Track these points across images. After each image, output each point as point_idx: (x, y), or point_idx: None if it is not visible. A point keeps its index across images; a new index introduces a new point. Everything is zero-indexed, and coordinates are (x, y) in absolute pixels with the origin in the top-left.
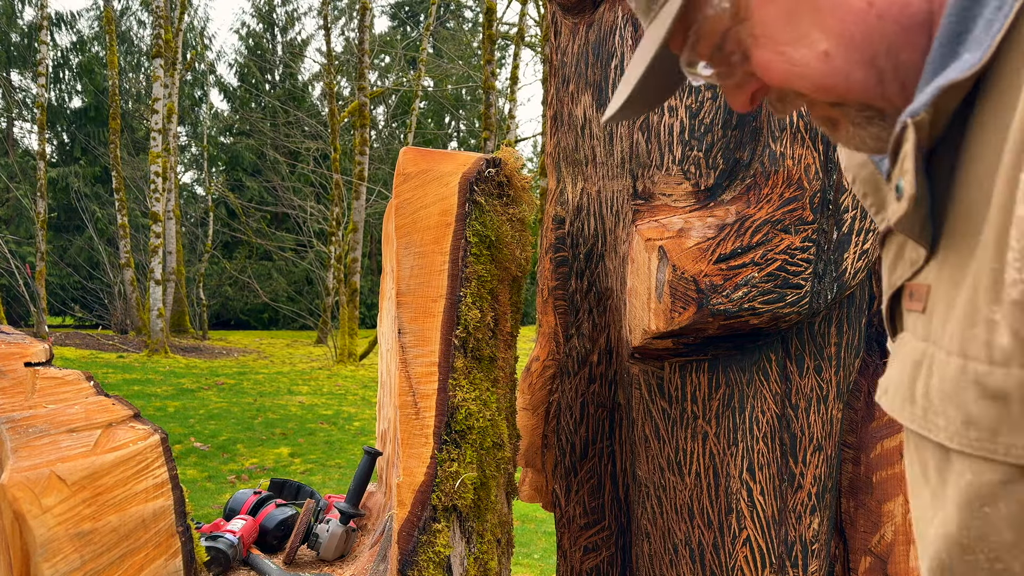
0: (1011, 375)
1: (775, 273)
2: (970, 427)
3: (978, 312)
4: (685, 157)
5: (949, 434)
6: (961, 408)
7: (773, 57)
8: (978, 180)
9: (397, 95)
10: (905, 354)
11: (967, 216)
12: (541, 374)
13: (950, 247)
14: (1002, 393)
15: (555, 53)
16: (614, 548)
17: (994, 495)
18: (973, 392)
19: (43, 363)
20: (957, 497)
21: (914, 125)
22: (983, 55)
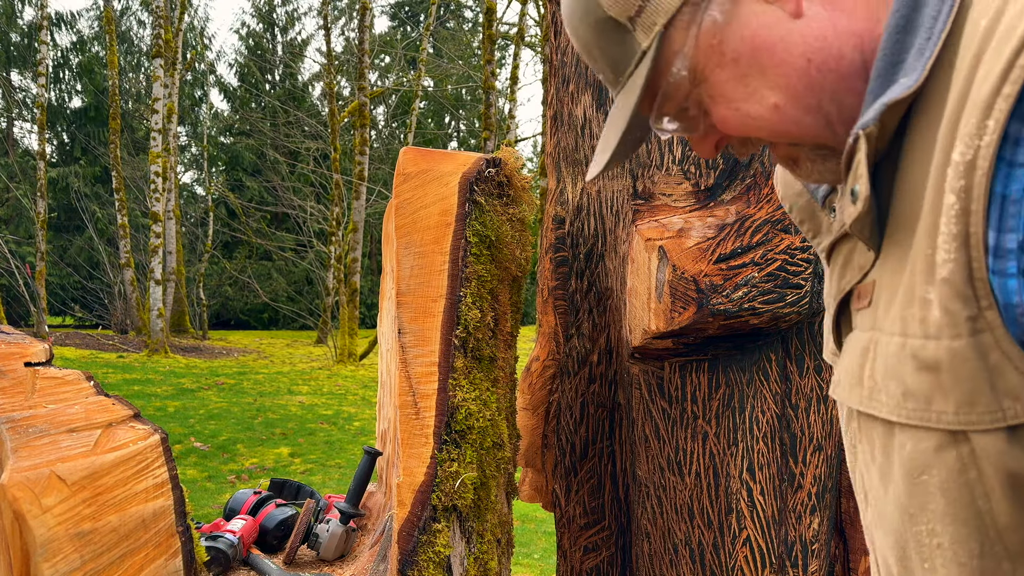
0: (941, 346)
1: (775, 273)
2: (908, 398)
3: (914, 293)
4: (685, 157)
5: (890, 408)
6: (900, 382)
7: (729, 113)
8: (913, 183)
9: (397, 95)
10: (854, 346)
11: (905, 216)
12: (541, 374)
13: (892, 244)
14: (935, 363)
15: (555, 53)
16: (614, 548)
17: (928, 463)
18: (910, 365)
19: (43, 363)
20: (901, 468)
21: (864, 136)
22: (918, 77)
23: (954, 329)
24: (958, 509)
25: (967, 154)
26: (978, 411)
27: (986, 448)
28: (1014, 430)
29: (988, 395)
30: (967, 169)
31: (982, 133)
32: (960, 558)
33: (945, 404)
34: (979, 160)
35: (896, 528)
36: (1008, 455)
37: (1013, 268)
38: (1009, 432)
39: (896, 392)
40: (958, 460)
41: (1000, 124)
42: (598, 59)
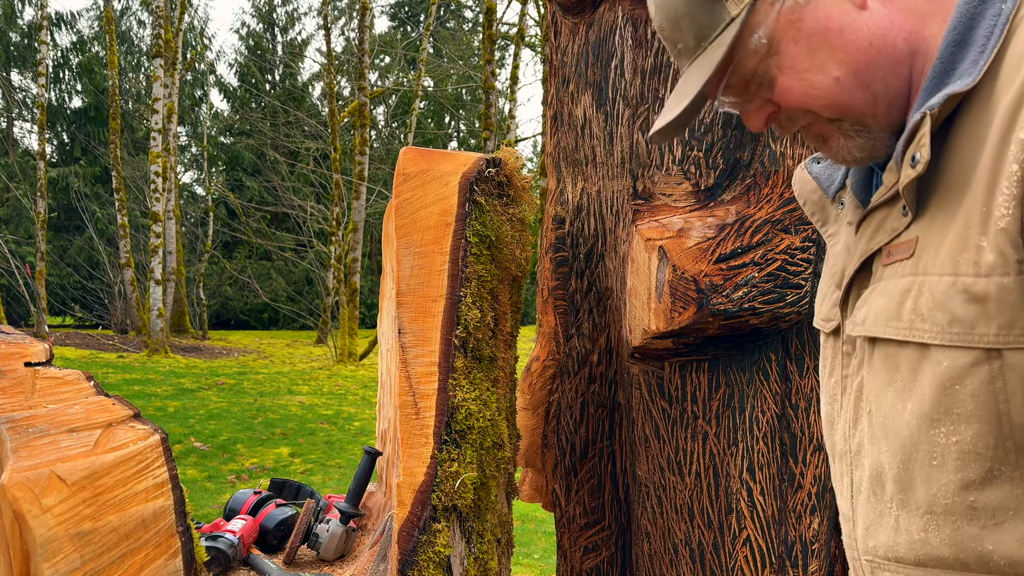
0: (992, 282)
1: (775, 273)
2: (954, 324)
3: (968, 242)
4: (685, 157)
5: (933, 334)
6: (948, 312)
7: (795, 82)
8: (963, 161)
9: (397, 95)
10: (889, 290)
11: (954, 184)
12: (541, 374)
13: (937, 207)
14: (983, 296)
15: (555, 53)
16: (614, 548)
17: (963, 375)
18: (960, 298)
19: (43, 363)
20: (933, 382)
21: (931, 115)
22: (974, 79)
23: (1004, 268)
24: (983, 411)
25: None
26: (1015, 333)
27: (1015, 363)
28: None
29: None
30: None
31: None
32: (978, 448)
33: (987, 327)
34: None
35: (907, 435)
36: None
37: None
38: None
39: (942, 320)
40: (989, 372)
41: None
42: (684, 28)
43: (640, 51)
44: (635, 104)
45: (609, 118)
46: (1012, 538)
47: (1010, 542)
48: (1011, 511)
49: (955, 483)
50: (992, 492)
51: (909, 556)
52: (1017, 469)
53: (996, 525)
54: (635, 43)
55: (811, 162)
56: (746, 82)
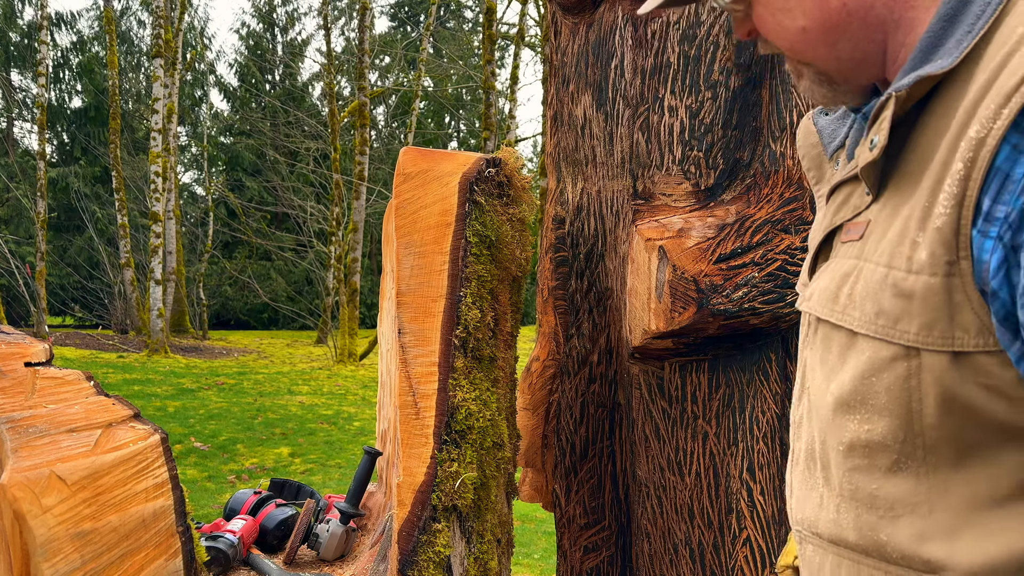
0: (920, 280)
1: (775, 273)
2: (880, 317)
3: (907, 236)
4: (685, 157)
5: (861, 323)
6: (876, 303)
7: (767, 16)
8: (925, 147)
9: (397, 95)
10: (835, 270)
11: (911, 172)
12: (541, 374)
13: (892, 193)
14: (910, 293)
15: (555, 53)
16: (614, 548)
17: (882, 368)
18: (889, 292)
19: (43, 363)
20: (854, 370)
21: (896, 97)
22: (952, 61)
23: (933, 268)
24: (896, 406)
25: (981, 132)
26: (934, 335)
27: (931, 364)
28: (957, 356)
29: (945, 324)
30: (977, 144)
31: (997, 118)
32: (887, 441)
33: (910, 325)
34: (989, 139)
35: (825, 416)
36: (946, 373)
37: (994, 232)
38: (953, 356)
39: (870, 311)
40: (907, 369)
41: (1013, 113)
42: None
43: (640, 51)
44: (635, 104)
45: (609, 118)
46: (906, 532)
47: (903, 536)
48: (910, 506)
49: (861, 470)
50: (894, 485)
51: (826, 533)
52: (924, 466)
53: (893, 518)
54: (635, 43)
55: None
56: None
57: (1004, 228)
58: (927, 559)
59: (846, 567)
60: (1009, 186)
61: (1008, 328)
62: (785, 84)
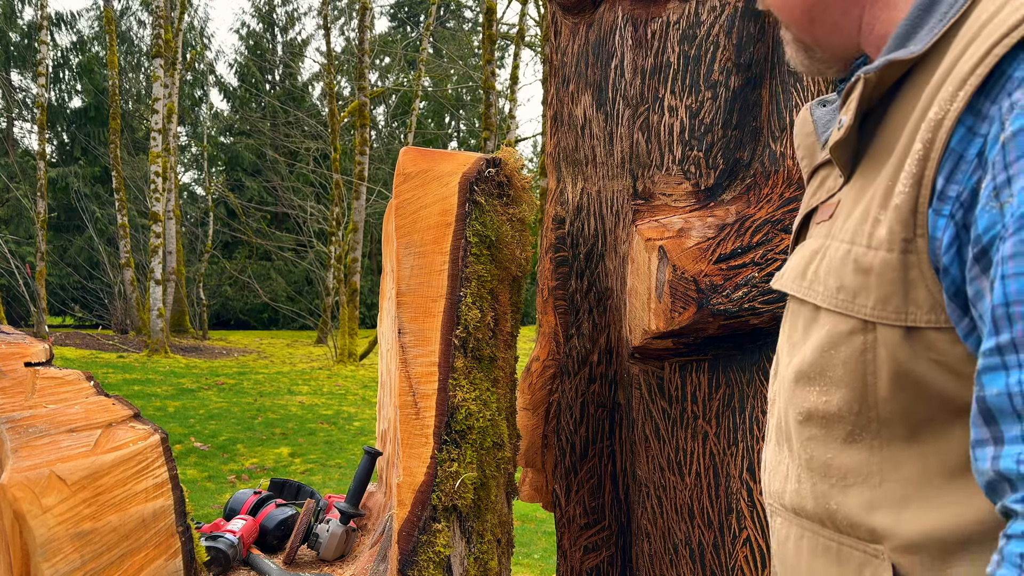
0: (878, 256)
1: (775, 273)
2: (840, 291)
3: (869, 214)
4: (685, 157)
5: (824, 298)
6: (838, 278)
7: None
8: (892, 130)
9: (397, 95)
10: (805, 250)
11: (879, 154)
12: (541, 374)
13: (861, 175)
14: (868, 268)
15: (555, 53)
16: (614, 548)
17: (840, 341)
18: (851, 267)
19: (43, 363)
20: (815, 343)
21: (865, 80)
22: (922, 48)
23: (891, 245)
24: (852, 379)
25: (939, 114)
26: (889, 309)
27: (885, 338)
28: (910, 331)
29: (900, 299)
30: (935, 126)
31: (953, 100)
32: (842, 413)
33: (867, 299)
34: (945, 120)
35: (787, 388)
36: (899, 348)
37: (947, 211)
38: (906, 331)
39: (832, 286)
40: (863, 343)
41: (967, 96)
42: None
43: (640, 51)
44: (635, 104)
45: (609, 118)
46: (855, 501)
47: (852, 505)
48: (861, 476)
49: (817, 440)
50: (848, 456)
51: (790, 504)
52: (877, 439)
53: (844, 487)
54: (635, 43)
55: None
56: None
57: (956, 207)
58: (872, 527)
59: (807, 539)
60: (962, 166)
61: (957, 304)
62: (785, 84)
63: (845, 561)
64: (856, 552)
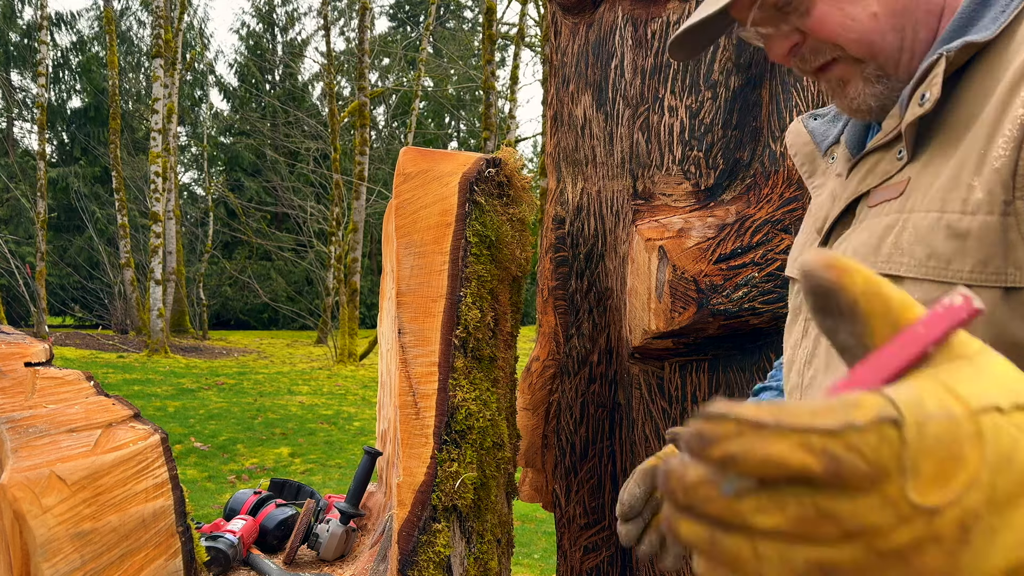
0: (976, 219)
1: (775, 273)
2: (931, 258)
3: (960, 181)
4: (685, 157)
5: (909, 267)
6: (928, 246)
7: (833, 11)
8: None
9: (397, 95)
10: (872, 227)
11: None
12: (541, 374)
13: (937, 150)
14: (966, 232)
15: (555, 53)
16: (614, 548)
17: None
18: (943, 234)
19: (43, 363)
20: None
21: (946, 56)
22: (994, 32)
23: (990, 207)
24: None
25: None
26: (988, 271)
27: (983, 301)
28: (1008, 291)
29: (1000, 261)
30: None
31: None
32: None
33: (963, 264)
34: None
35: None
36: (997, 309)
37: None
38: (1004, 292)
39: (921, 254)
40: None
41: None
42: None
43: (640, 51)
44: (635, 104)
45: (609, 118)
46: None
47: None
48: None
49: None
50: None
51: None
52: None
53: None
54: (635, 43)
55: (808, 117)
56: (780, 6)
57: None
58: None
59: None
60: None
61: None
62: (785, 84)
63: None
64: None
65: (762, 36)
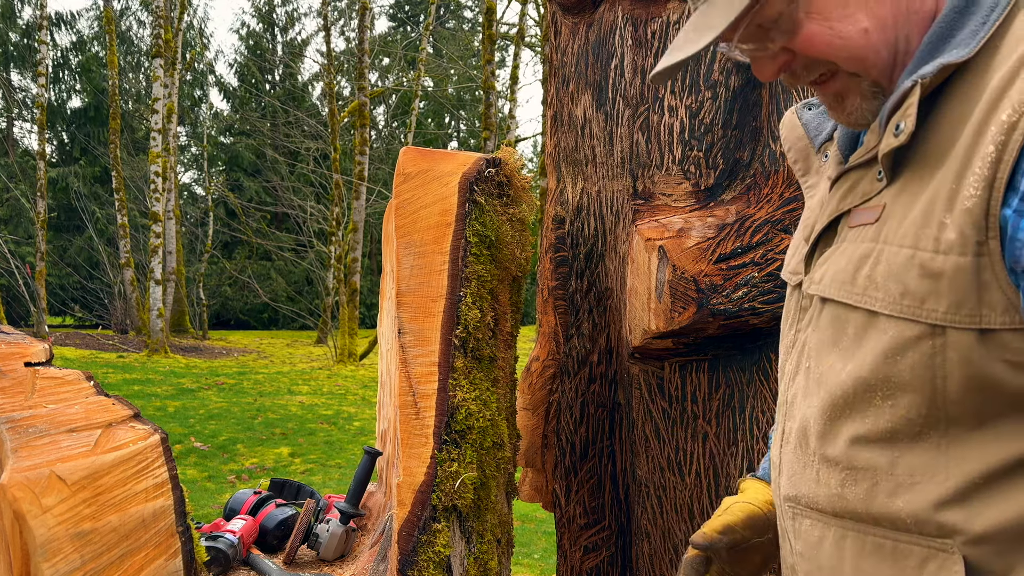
0: (949, 260)
1: (775, 273)
2: (906, 296)
3: (932, 218)
4: (685, 157)
5: (884, 303)
6: (902, 283)
7: (821, 30)
8: (945, 133)
9: (397, 95)
10: (849, 253)
11: (930, 159)
12: (541, 374)
13: (910, 178)
14: (939, 273)
15: (555, 53)
16: (614, 548)
17: (907, 347)
18: (916, 272)
19: (43, 363)
20: (876, 349)
21: (921, 84)
22: (971, 51)
23: (963, 248)
24: (921, 383)
25: (1013, 116)
26: (962, 313)
27: (958, 341)
28: (983, 333)
29: (974, 302)
30: (1009, 128)
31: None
32: (910, 415)
33: (937, 304)
34: (1021, 122)
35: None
36: (972, 350)
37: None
38: (979, 333)
39: (895, 291)
40: (932, 347)
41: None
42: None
43: (640, 51)
44: (635, 104)
45: (609, 118)
46: (923, 499)
47: (920, 502)
48: (928, 474)
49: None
50: (915, 456)
51: (828, 507)
52: (944, 437)
53: (912, 485)
54: (635, 43)
55: (803, 107)
56: (766, 27)
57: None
58: (941, 523)
59: (852, 538)
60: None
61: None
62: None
63: (903, 557)
64: (918, 548)
65: (749, 56)
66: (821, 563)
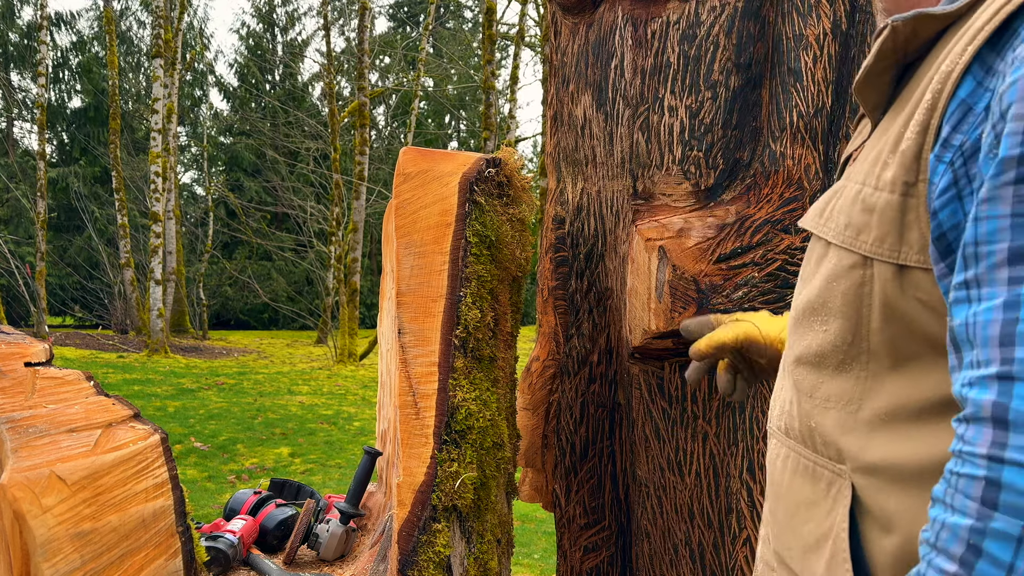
0: (882, 197)
1: (775, 273)
2: (848, 228)
3: (880, 157)
4: (685, 157)
5: (834, 233)
6: (847, 216)
7: None
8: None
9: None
10: (828, 191)
11: (900, 106)
12: (541, 374)
13: (885, 123)
14: (872, 207)
15: (555, 53)
16: (614, 548)
17: (842, 275)
18: (859, 206)
19: (43, 363)
20: (822, 275)
21: (892, 27)
22: (955, 7)
23: (894, 187)
24: (849, 310)
25: (950, 67)
26: (885, 247)
27: (881, 274)
28: (901, 269)
29: (895, 238)
30: (945, 77)
31: (962, 53)
32: (837, 342)
33: (868, 236)
34: (954, 72)
35: (794, 317)
36: (890, 284)
37: (947, 158)
38: (897, 268)
39: (842, 223)
40: (861, 277)
41: (974, 49)
42: None
43: (640, 51)
44: (635, 104)
45: (609, 118)
46: (832, 422)
47: (829, 425)
48: (843, 402)
49: (812, 366)
50: (836, 383)
51: (783, 425)
52: (864, 370)
53: (825, 409)
54: (635, 43)
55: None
56: None
57: (957, 155)
58: (840, 448)
59: (792, 458)
60: (969, 118)
61: (939, 248)
62: (785, 84)
63: (817, 479)
64: (826, 471)
65: None
66: (774, 478)
